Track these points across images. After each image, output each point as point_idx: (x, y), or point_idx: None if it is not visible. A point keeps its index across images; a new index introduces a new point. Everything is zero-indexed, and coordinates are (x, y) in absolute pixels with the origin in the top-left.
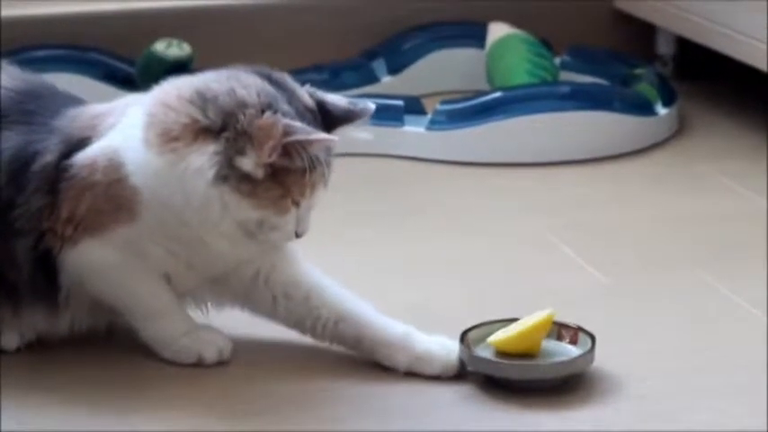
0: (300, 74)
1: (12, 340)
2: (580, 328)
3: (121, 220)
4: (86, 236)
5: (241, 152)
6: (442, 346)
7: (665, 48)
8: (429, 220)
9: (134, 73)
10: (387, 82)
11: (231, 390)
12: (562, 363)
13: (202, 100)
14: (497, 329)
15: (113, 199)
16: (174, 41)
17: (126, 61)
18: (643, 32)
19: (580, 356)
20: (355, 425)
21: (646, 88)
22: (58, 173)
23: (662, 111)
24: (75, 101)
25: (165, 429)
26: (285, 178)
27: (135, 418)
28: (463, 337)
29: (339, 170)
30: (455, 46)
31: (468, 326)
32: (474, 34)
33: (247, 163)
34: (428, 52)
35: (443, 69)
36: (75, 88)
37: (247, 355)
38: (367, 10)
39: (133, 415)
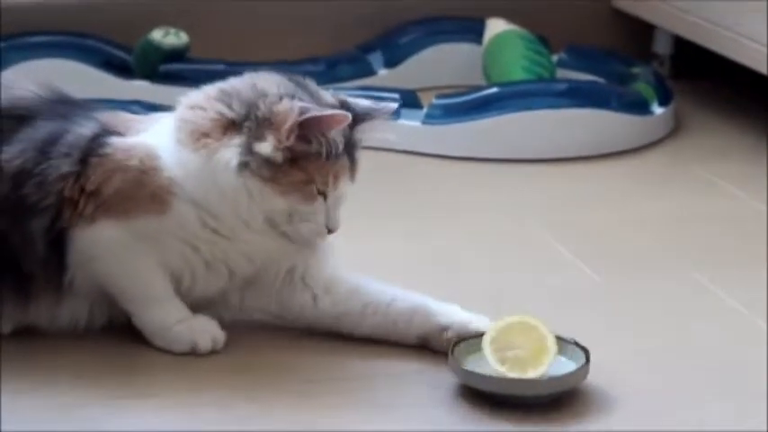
0: (296, 65)
1: (8, 325)
2: (576, 343)
3: (151, 211)
4: (105, 217)
5: (261, 138)
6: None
7: (662, 47)
8: (422, 214)
9: (131, 61)
10: (383, 75)
11: (221, 379)
12: (555, 379)
13: (227, 95)
14: (504, 341)
15: (147, 187)
16: (172, 30)
17: (123, 49)
18: (641, 31)
19: (573, 372)
20: (344, 417)
21: (642, 87)
22: (93, 146)
23: (658, 110)
24: (105, 108)
25: (153, 417)
26: (306, 164)
27: (124, 405)
28: (453, 349)
29: None
30: (452, 41)
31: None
32: (471, 29)
33: (266, 147)
34: (425, 46)
35: (440, 64)
36: (72, 75)
37: (238, 344)
38: (365, 3)
39: (122, 402)
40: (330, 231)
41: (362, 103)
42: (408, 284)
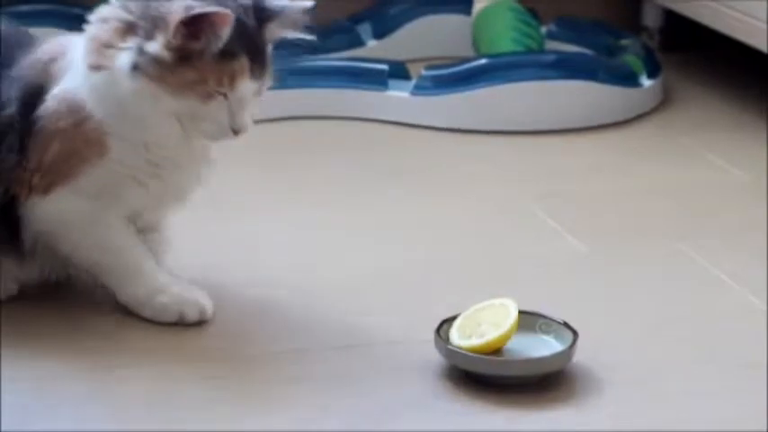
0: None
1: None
2: (565, 324)
3: (92, 158)
4: (57, 185)
5: (152, 37)
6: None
7: (651, 20)
8: (410, 185)
9: None
10: (372, 46)
11: (206, 350)
12: (540, 360)
13: (127, 1)
14: (474, 321)
15: (81, 139)
16: None
17: None
18: (630, 3)
19: (559, 354)
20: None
21: (631, 60)
22: (26, 128)
23: (646, 82)
24: (27, 42)
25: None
26: (198, 63)
27: (109, 373)
28: (439, 328)
29: (321, 132)
30: (441, 12)
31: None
32: (461, 1)
33: (155, 46)
34: (414, 17)
35: (429, 35)
36: None
37: (226, 315)
38: None
39: (107, 370)
40: (235, 132)
41: (276, 1)
42: (392, 253)
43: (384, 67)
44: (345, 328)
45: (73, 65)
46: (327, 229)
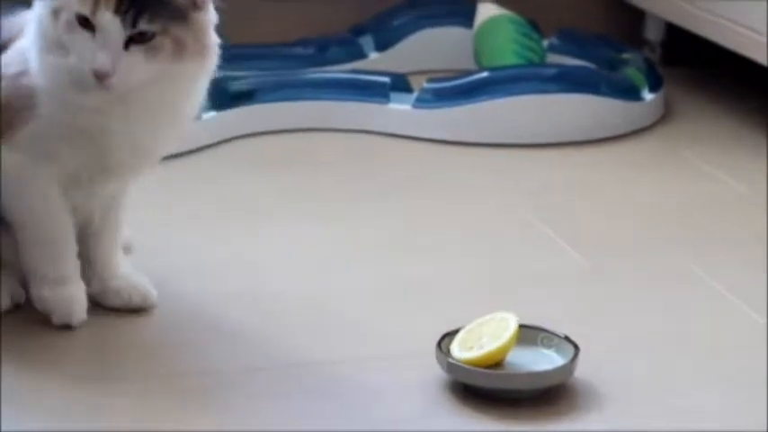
0: (287, 47)
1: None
2: (566, 338)
3: (23, 112)
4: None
5: None
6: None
7: (653, 33)
8: (411, 198)
9: None
10: (374, 58)
11: (207, 358)
12: (542, 374)
13: None
14: (475, 335)
15: (18, 93)
16: None
17: None
18: (632, 17)
19: (560, 368)
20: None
21: (633, 73)
22: None
23: (648, 96)
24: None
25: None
26: None
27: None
28: (440, 342)
29: (323, 145)
30: (443, 25)
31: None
32: (463, 13)
33: None
34: (416, 30)
35: (431, 48)
36: None
37: (226, 327)
38: None
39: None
40: (96, 76)
41: None
42: (393, 266)
43: (386, 79)
44: (346, 342)
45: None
46: (328, 241)
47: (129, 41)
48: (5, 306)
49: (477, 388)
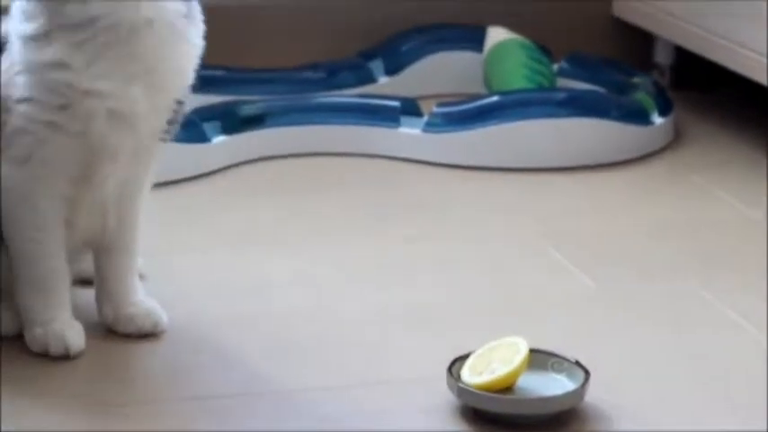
0: (297, 72)
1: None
2: (577, 363)
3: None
4: None
5: None
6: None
7: (662, 57)
8: (422, 222)
9: None
10: (384, 83)
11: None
12: (552, 399)
13: None
14: (486, 360)
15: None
16: None
17: None
18: (641, 41)
19: (571, 393)
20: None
21: (642, 97)
22: None
23: (658, 120)
24: None
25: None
26: None
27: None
28: (451, 366)
29: (332, 169)
30: (453, 49)
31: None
32: (472, 38)
33: None
34: (426, 54)
35: (441, 72)
36: None
37: (236, 351)
38: (366, 10)
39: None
40: None
41: None
42: (403, 290)
43: (396, 103)
44: (356, 366)
45: None
46: (338, 265)
47: None
48: (9, 332)
49: (487, 413)
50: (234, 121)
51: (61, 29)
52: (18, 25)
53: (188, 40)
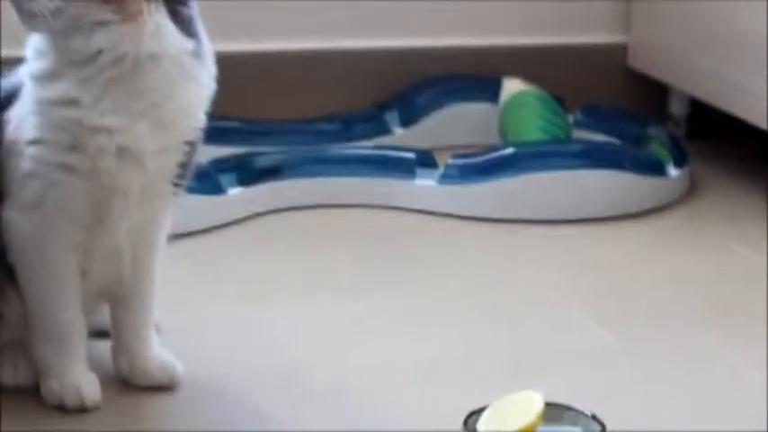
0: (312, 123)
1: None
2: (593, 417)
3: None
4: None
5: None
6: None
7: (677, 108)
8: (438, 274)
9: None
10: (399, 134)
11: None
12: None
13: None
14: (501, 413)
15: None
16: None
17: None
18: (656, 92)
19: None
20: None
21: (657, 148)
22: None
23: (673, 171)
24: None
25: None
26: None
27: None
28: (467, 420)
29: (347, 221)
30: (469, 100)
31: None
32: (488, 89)
33: None
34: (442, 105)
35: (456, 123)
36: None
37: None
38: (381, 61)
39: None
40: None
41: None
42: (420, 343)
43: (412, 155)
44: (372, 418)
45: None
46: (353, 318)
47: None
48: (25, 383)
49: None
50: (250, 173)
51: (69, 65)
52: (30, 65)
53: (196, 79)
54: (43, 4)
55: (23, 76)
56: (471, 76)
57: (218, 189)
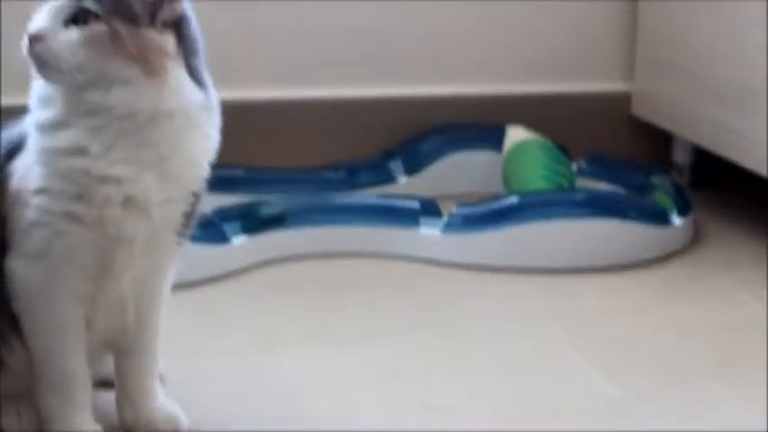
0: (317, 172)
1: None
2: None
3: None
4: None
5: None
6: None
7: (681, 156)
8: (442, 324)
9: None
10: (404, 182)
11: None
12: None
13: None
14: None
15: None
16: None
17: None
18: (660, 140)
19: None
20: None
21: (661, 197)
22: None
23: (677, 220)
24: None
25: None
26: None
27: None
28: None
29: (351, 271)
30: (472, 148)
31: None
32: (492, 137)
33: None
34: (445, 154)
35: (460, 171)
36: None
37: None
38: (385, 110)
39: None
40: (29, 38)
41: None
42: (426, 393)
43: (416, 205)
44: None
45: None
46: (359, 367)
47: (72, 21)
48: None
49: None
50: (254, 222)
51: (79, 114)
52: (35, 113)
53: (204, 131)
54: (68, 60)
55: (28, 125)
56: (475, 124)
57: (222, 238)
